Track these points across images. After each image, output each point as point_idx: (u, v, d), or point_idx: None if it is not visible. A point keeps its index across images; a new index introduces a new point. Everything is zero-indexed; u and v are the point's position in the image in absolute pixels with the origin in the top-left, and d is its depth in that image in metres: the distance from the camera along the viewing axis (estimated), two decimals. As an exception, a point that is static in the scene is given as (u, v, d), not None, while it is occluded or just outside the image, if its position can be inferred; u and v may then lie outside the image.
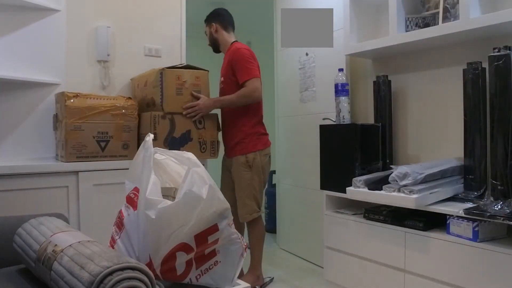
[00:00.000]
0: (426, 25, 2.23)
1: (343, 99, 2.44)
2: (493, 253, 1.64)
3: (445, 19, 2.07)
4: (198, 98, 2.32)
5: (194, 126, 2.31)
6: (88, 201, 2.05)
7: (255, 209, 2.52)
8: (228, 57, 2.55)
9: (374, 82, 2.47)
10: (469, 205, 1.82)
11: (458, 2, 1.97)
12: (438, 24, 2.11)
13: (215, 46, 2.70)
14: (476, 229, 1.70)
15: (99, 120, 2.12)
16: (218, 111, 2.48)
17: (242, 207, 2.51)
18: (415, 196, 1.83)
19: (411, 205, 1.84)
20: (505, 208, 1.66)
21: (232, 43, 2.62)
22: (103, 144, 2.13)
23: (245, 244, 1.38)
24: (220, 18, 2.66)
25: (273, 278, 2.77)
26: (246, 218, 2.52)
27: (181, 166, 1.40)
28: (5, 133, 2.25)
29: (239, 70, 2.44)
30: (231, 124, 2.55)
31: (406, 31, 2.24)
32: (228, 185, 2.62)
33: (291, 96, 3.33)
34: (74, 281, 0.95)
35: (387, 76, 2.42)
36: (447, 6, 2.07)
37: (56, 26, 2.37)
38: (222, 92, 2.58)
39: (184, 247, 1.20)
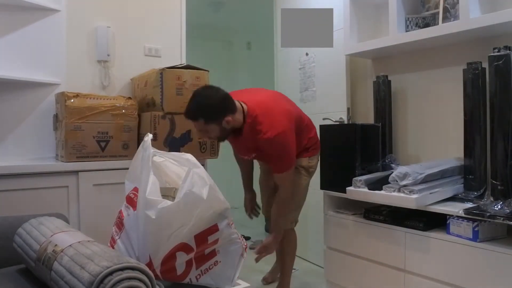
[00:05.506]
0: (426, 25, 2.23)
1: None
2: (493, 253, 1.64)
3: (445, 19, 2.07)
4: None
5: (194, 126, 2.30)
6: (88, 201, 2.05)
7: None
8: (258, 142, 2.09)
9: (374, 82, 2.47)
10: (469, 205, 1.82)
11: (458, 2, 1.97)
12: (438, 24, 2.11)
13: (230, 134, 2.15)
14: (476, 229, 1.70)
15: (99, 120, 2.12)
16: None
17: None
18: (415, 196, 1.83)
19: (411, 205, 1.84)
20: (505, 208, 1.66)
21: (246, 116, 2.09)
22: (103, 144, 2.13)
23: (245, 244, 1.38)
24: (228, 107, 2.02)
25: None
26: None
27: (180, 167, 1.40)
28: (5, 133, 2.25)
29: (273, 162, 2.16)
30: None
31: (406, 31, 2.24)
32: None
33: (291, 96, 3.29)
34: (74, 281, 0.95)
35: (387, 76, 2.42)
36: (447, 6, 2.07)
37: (56, 26, 2.37)
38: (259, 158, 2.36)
39: (184, 247, 1.20)
